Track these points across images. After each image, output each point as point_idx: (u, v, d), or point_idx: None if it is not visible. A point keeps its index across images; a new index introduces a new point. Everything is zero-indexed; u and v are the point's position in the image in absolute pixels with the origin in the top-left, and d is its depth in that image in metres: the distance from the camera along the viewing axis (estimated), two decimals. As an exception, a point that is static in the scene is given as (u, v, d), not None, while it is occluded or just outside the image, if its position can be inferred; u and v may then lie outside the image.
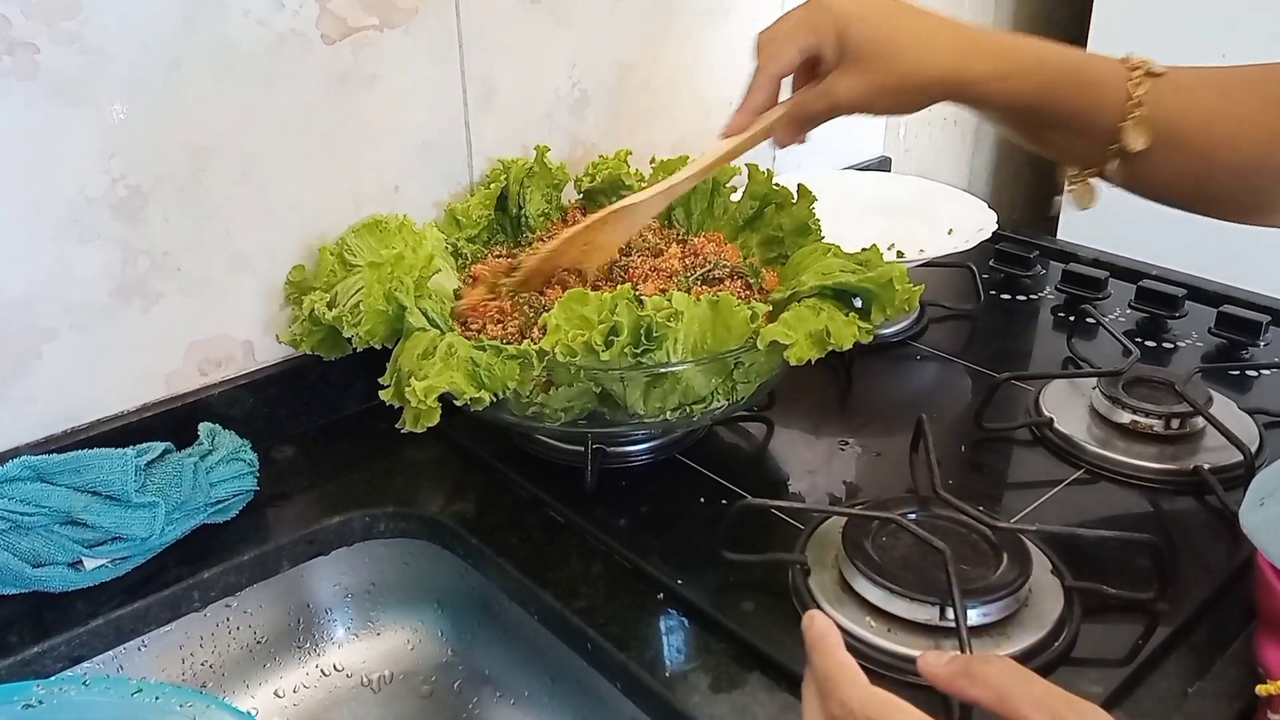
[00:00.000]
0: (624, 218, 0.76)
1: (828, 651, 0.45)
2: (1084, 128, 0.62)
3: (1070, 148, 0.65)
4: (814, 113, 0.67)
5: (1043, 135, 0.66)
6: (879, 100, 0.65)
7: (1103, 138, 0.62)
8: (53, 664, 0.64)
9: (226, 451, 0.73)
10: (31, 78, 0.65)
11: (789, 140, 0.70)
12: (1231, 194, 0.63)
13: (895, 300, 0.72)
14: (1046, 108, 0.62)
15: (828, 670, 0.44)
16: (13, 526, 0.64)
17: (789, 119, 0.68)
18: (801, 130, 0.69)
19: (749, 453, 0.83)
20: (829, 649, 0.45)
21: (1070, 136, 0.64)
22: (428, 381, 0.65)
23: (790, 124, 0.69)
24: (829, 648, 0.45)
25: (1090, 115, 0.61)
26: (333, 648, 0.78)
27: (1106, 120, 0.61)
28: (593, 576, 0.68)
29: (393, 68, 0.83)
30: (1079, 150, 0.64)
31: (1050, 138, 0.66)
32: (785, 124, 0.69)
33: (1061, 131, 0.64)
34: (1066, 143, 0.65)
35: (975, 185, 1.65)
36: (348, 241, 0.81)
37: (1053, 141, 0.66)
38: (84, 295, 0.72)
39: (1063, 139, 0.65)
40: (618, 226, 0.77)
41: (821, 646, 0.45)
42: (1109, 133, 0.61)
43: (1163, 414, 0.79)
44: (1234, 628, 0.62)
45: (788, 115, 0.68)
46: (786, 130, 0.69)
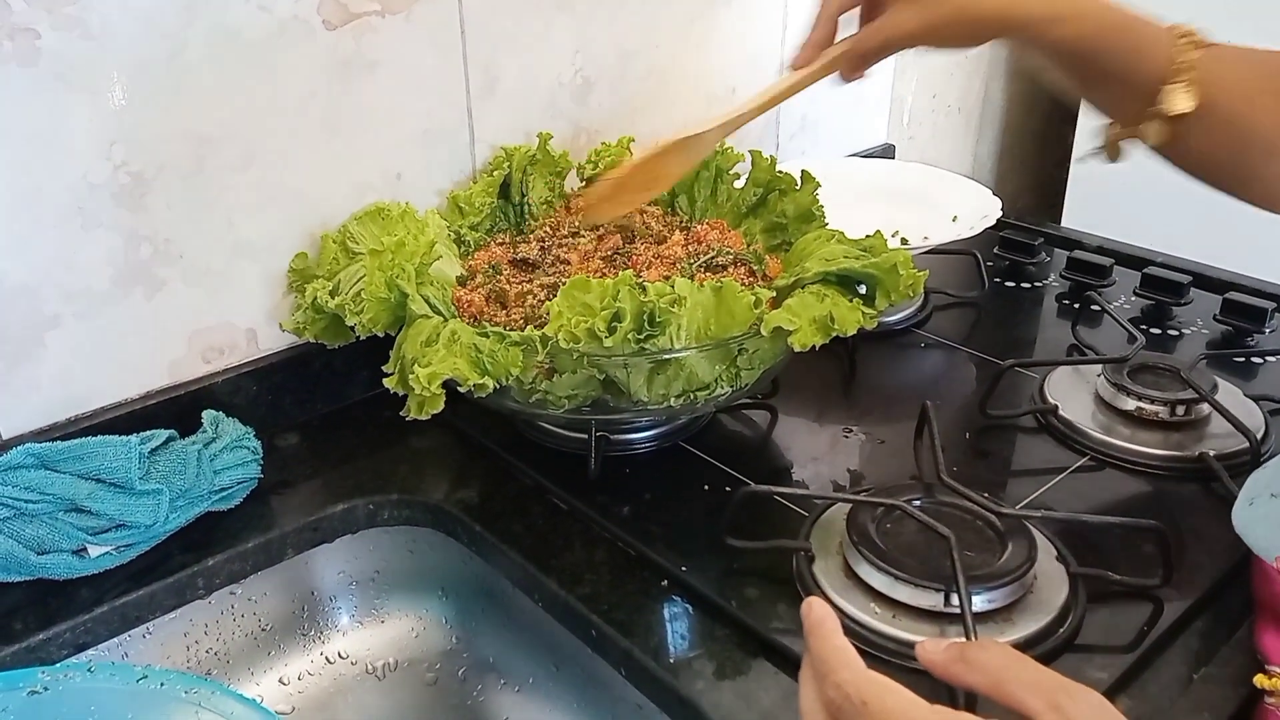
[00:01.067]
0: (688, 147, 0.76)
1: (825, 636, 0.45)
2: (1127, 84, 0.62)
3: (1113, 102, 0.65)
4: (873, 47, 0.68)
5: (1089, 85, 0.66)
6: (934, 34, 0.65)
7: (1144, 97, 0.62)
8: (58, 651, 0.64)
9: (230, 439, 0.73)
10: (33, 64, 0.65)
11: (851, 75, 0.70)
12: (1264, 175, 0.63)
13: (899, 286, 0.72)
14: (1093, 57, 0.62)
15: (824, 654, 0.44)
16: (17, 514, 0.65)
17: (851, 54, 0.69)
18: (863, 65, 0.70)
19: (753, 440, 0.83)
20: (826, 633, 0.45)
21: (1114, 91, 0.64)
22: (431, 368, 0.65)
23: (851, 59, 0.69)
24: (826, 632, 0.45)
25: (1134, 72, 0.62)
26: (337, 635, 0.78)
27: (1149, 80, 0.61)
28: (596, 563, 0.68)
29: (395, 54, 0.82)
30: (1122, 106, 0.64)
31: (1096, 89, 0.66)
32: (847, 59, 0.69)
33: (1104, 84, 0.64)
34: (1110, 97, 0.65)
35: (979, 172, 1.64)
36: (350, 229, 0.81)
37: (1098, 93, 0.66)
38: (87, 282, 0.72)
39: (1107, 92, 0.65)
40: (680, 157, 0.77)
41: (819, 631, 0.45)
42: (1150, 93, 0.61)
43: (1168, 401, 0.78)
44: (1239, 614, 0.62)
45: (850, 50, 0.69)
46: (848, 65, 0.69)
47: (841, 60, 0.69)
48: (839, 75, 0.70)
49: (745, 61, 1.12)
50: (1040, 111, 1.69)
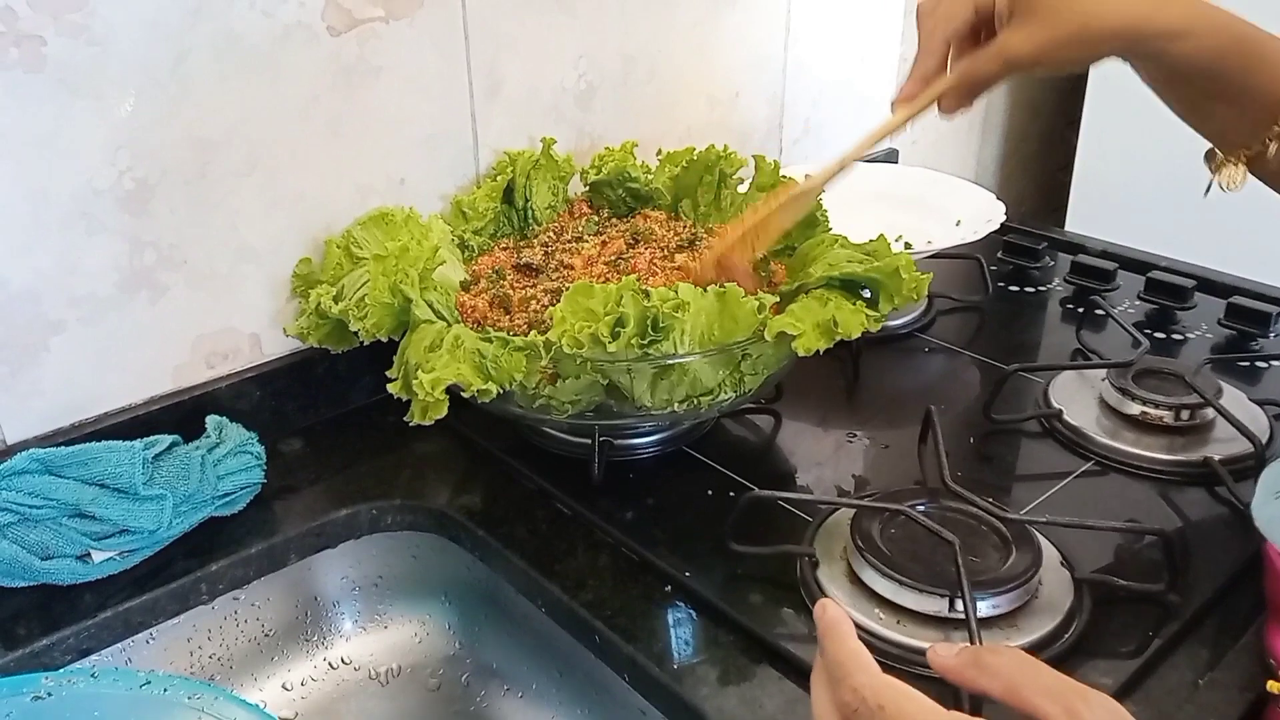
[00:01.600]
0: (802, 200, 0.76)
1: (840, 639, 0.44)
2: (1250, 102, 0.61)
3: (1230, 123, 0.63)
4: (986, 74, 0.64)
5: (1204, 106, 0.64)
6: (1055, 54, 0.61)
7: (1265, 116, 0.60)
8: (61, 656, 0.64)
9: (234, 444, 0.73)
10: (38, 70, 0.65)
11: (956, 108, 0.66)
12: None
13: (903, 289, 0.71)
14: (1220, 73, 0.60)
15: (839, 658, 0.44)
16: (21, 519, 0.65)
17: (960, 84, 0.65)
18: (972, 96, 0.65)
19: (756, 445, 0.83)
20: (841, 637, 0.44)
21: (1233, 110, 0.62)
22: (434, 374, 0.65)
23: (960, 89, 0.65)
24: (841, 635, 0.45)
25: (1260, 90, 0.60)
26: (340, 640, 0.78)
27: (1274, 98, 0.60)
28: (600, 569, 0.68)
29: (398, 59, 0.82)
30: (1239, 127, 0.62)
31: (1211, 109, 0.63)
32: (955, 90, 0.65)
33: (1225, 102, 0.62)
34: (1228, 117, 0.63)
35: (983, 177, 1.64)
36: (354, 234, 0.81)
37: (1213, 114, 0.64)
38: (91, 288, 0.72)
39: (1225, 112, 0.63)
40: (791, 211, 0.76)
41: (833, 634, 0.45)
42: (1273, 112, 0.60)
43: (1172, 405, 0.78)
44: (1245, 619, 0.62)
45: (958, 80, 0.65)
46: (956, 96, 0.65)
47: (951, 91, 0.65)
48: (941, 109, 0.66)
49: (749, 65, 1.12)
50: (1044, 116, 1.69)
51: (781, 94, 1.18)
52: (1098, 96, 1.43)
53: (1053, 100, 1.67)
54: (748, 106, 1.15)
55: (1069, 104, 1.60)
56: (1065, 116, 1.63)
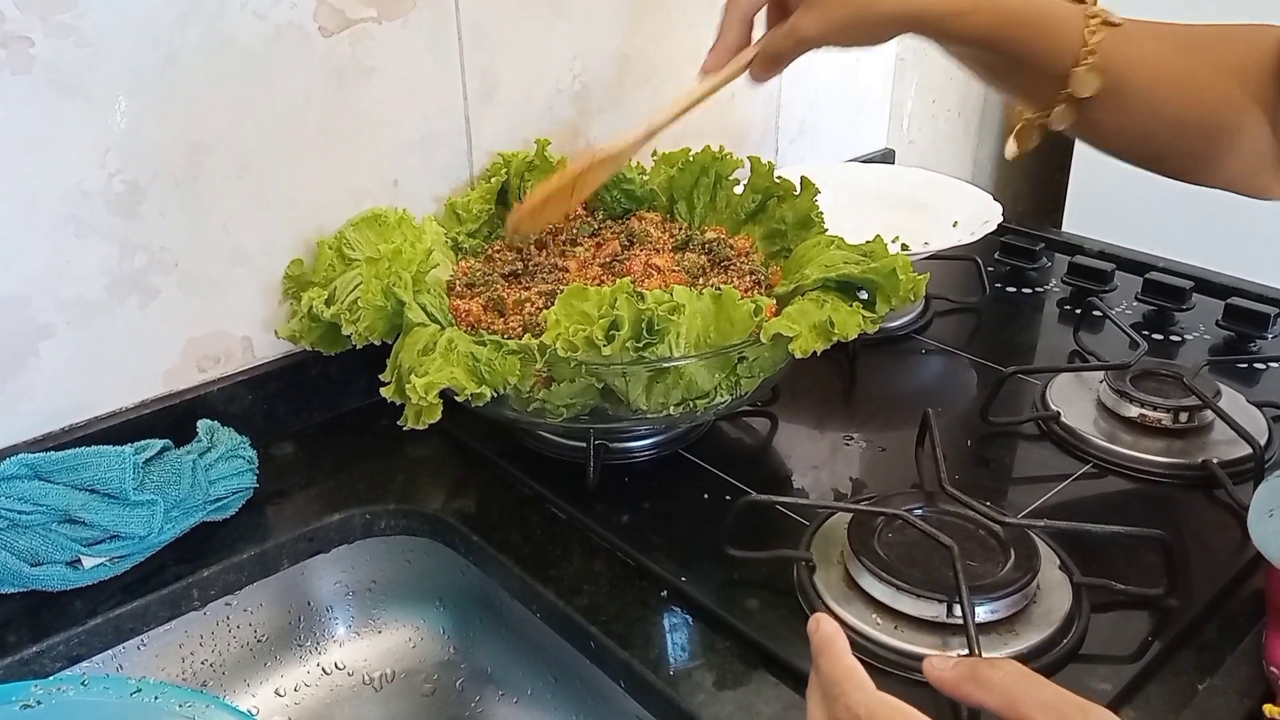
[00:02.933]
0: (609, 162, 0.76)
1: (834, 655, 0.44)
2: (1036, 69, 0.62)
3: (1024, 88, 0.65)
4: (782, 50, 0.68)
5: (1001, 74, 0.66)
6: (841, 34, 0.65)
7: (1054, 81, 0.61)
8: (51, 664, 0.63)
9: (225, 449, 0.73)
10: (27, 71, 0.65)
11: (763, 76, 0.70)
12: (1176, 151, 0.62)
13: (900, 290, 0.71)
14: (1001, 45, 0.62)
15: (834, 674, 0.43)
16: (10, 525, 0.64)
17: (761, 57, 0.69)
18: (773, 68, 0.70)
19: (753, 448, 0.82)
20: (835, 653, 0.44)
21: (1024, 77, 0.64)
22: (428, 377, 0.64)
23: (761, 62, 0.69)
24: (835, 651, 0.44)
25: (1043, 57, 0.61)
26: (334, 646, 0.77)
27: (1059, 64, 0.61)
28: (595, 574, 0.68)
29: (391, 60, 0.82)
30: (1032, 91, 0.64)
31: (1007, 77, 0.66)
32: (759, 61, 0.69)
33: (1014, 72, 0.64)
34: (1021, 83, 0.65)
35: (980, 177, 1.64)
36: (346, 235, 0.80)
37: (1009, 80, 0.66)
38: (81, 291, 0.71)
39: (1017, 79, 0.65)
40: (603, 171, 0.77)
41: (828, 650, 0.44)
42: (1060, 77, 0.61)
43: (1171, 407, 0.78)
44: (1244, 623, 0.62)
45: (761, 52, 0.69)
46: (760, 67, 0.69)
47: (756, 63, 0.69)
48: (749, 77, 0.70)
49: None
50: (1040, 116, 1.68)
51: (777, 95, 1.17)
52: (1094, 97, 1.43)
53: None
54: (743, 107, 1.14)
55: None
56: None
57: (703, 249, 0.82)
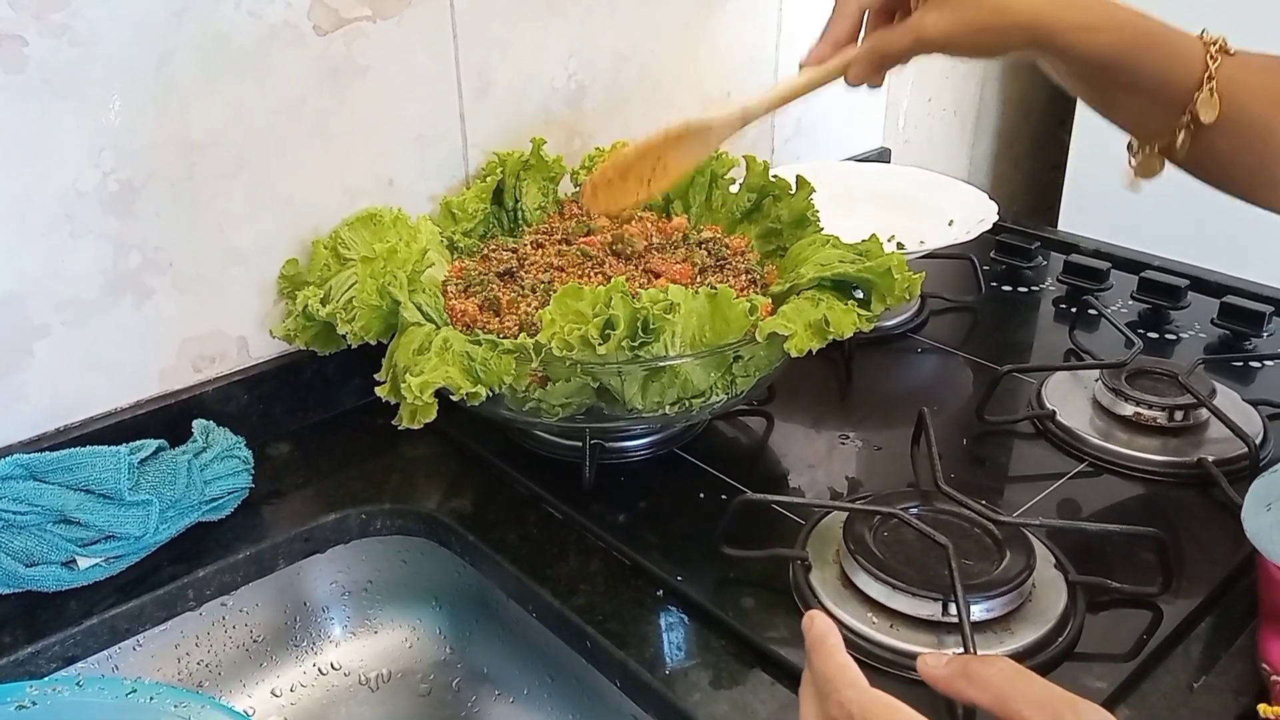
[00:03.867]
0: (695, 138, 0.72)
1: (827, 653, 0.44)
2: (1158, 93, 0.62)
3: (1141, 114, 0.65)
4: (897, 49, 0.65)
5: (1115, 98, 0.65)
6: (965, 38, 0.63)
7: (1175, 107, 0.61)
8: (47, 664, 0.63)
9: (221, 449, 0.73)
10: (20, 71, 0.65)
11: (864, 79, 0.67)
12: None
13: (895, 289, 0.71)
14: (1126, 66, 0.62)
15: (827, 672, 0.43)
16: (5, 525, 0.64)
17: (869, 55, 0.66)
18: (881, 69, 0.66)
19: (749, 447, 0.82)
20: (829, 650, 0.44)
21: (1143, 102, 0.63)
22: (423, 377, 0.64)
23: (870, 60, 0.66)
24: (829, 649, 0.44)
25: (1166, 81, 0.61)
26: (330, 646, 0.77)
27: (1181, 89, 0.61)
28: (591, 573, 0.68)
29: (386, 59, 0.82)
30: (1149, 117, 0.64)
31: (1122, 101, 0.65)
32: (865, 60, 0.66)
33: (1135, 95, 0.63)
34: (1138, 108, 0.64)
35: (975, 176, 1.64)
36: (341, 235, 0.80)
37: (1124, 106, 0.65)
38: (76, 291, 0.71)
39: (1135, 103, 0.64)
40: (686, 148, 0.73)
41: (821, 648, 0.45)
42: (1181, 102, 0.61)
43: (1166, 406, 0.78)
44: (1239, 621, 0.62)
45: (869, 50, 0.66)
46: (865, 66, 0.66)
47: (861, 60, 0.66)
48: (848, 78, 0.67)
49: (740, 65, 1.12)
50: (1036, 115, 1.68)
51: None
52: (1090, 95, 1.43)
53: (1044, 99, 1.67)
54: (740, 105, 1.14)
55: (1061, 103, 1.60)
56: (1057, 116, 1.63)
57: (699, 248, 0.82)
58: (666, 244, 0.83)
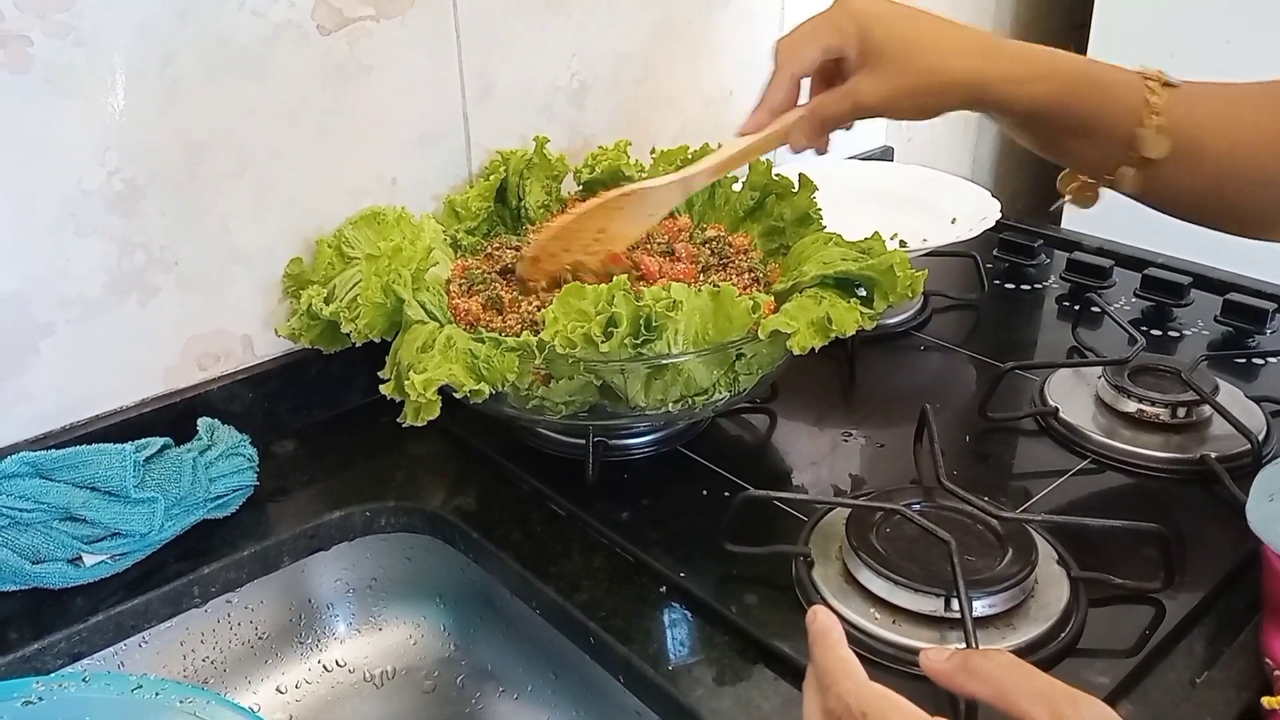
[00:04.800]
0: (637, 204, 0.73)
1: (829, 646, 0.44)
2: (1100, 134, 0.62)
3: (1085, 155, 0.65)
4: (835, 114, 0.66)
5: (1058, 142, 0.66)
6: (901, 101, 0.64)
7: (1118, 145, 0.62)
8: (53, 661, 0.64)
9: (226, 447, 0.73)
10: (25, 71, 0.65)
11: (806, 143, 0.69)
12: (1245, 207, 0.63)
13: (898, 286, 0.71)
14: (1063, 112, 0.62)
15: (828, 665, 0.44)
16: (12, 523, 0.64)
17: (810, 119, 0.67)
18: (821, 132, 0.68)
19: (752, 444, 0.82)
20: (830, 644, 0.45)
21: (1086, 143, 0.64)
22: (426, 374, 0.64)
23: (810, 125, 0.67)
24: (830, 643, 0.45)
25: (1106, 121, 0.62)
26: (335, 643, 0.77)
27: (1122, 127, 0.61)
28: (595, 570, 0.68)
29: (389, 59, 0.82)
30: (1094, 157, 0.64)
31: (1066, 144, 0.66)
32: (805, 124, 0.68)
33: (1077, 138, 0.64)
34: (1082, 150, 0.65)
35: (978, 174, 1.64)
36: (345, 234, 0.80)
37: (1068, 149, 0.66)
38: (80, 290, 0.71)
39: (1078, 146, 0.65)
40: (632, 214, 0.74)
41: (823, 641, 0.45)
42: (1125, 140, 0.61)
43: (1169, 403, 0.78)
44: (1242, 617, 0.62)
45: (809, 115, 0.67)
46: (806, 131, 0.68)
47: (798, 125, 0.68)
48: (791, 143, 0.68)
49: (742, 65, 1.12)
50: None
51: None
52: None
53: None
54: (742, 105, 1.13)
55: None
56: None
57: (703, 246, 0.82)
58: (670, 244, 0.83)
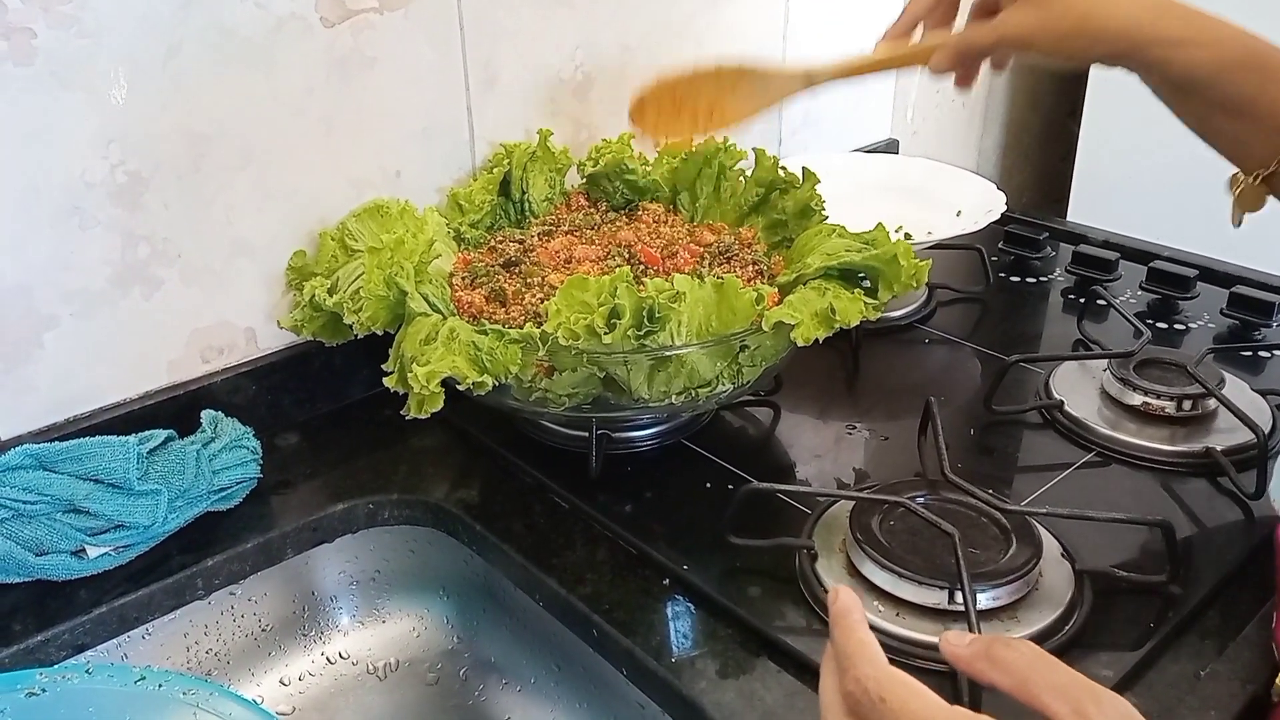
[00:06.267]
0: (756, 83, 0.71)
1: (849, 628, 0.43)
2: (1263, 118, 0.59)
3: (1239, 137, 0.62)
4: (980, 44, 0.64)
5: (1214, 121, 0.62)
6: (1047, 40, 0.61)
7: (1276, 131, 0.59)
8: (56, 652, 0.64)
9: (229, 439, 0.73)
10: (29, 63, 0.65)
11: (947, 67, 0.66)
12: None
13: (902, 277, 0.71)
14: (1223, 85, 0.59)
15: (847, 648, 0.43)
16: (15, 515, 0.64)
17: (955, 43, 0.65)
18: (963, 60, 0.65)
19: (755, 437, 0.82)
20: (850, 626, 0.43)
21: (1241, 124, 0.61)
22: (429, 367, 0.64)
23: (953, 49, 0.65)
24: (850, 624, 0.43)
25: (1269, 104, 0.59)
26: (338, 635, 0.77)
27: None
28: (598, 562, 0.68)
29: (393, 51, 0.82)
30: (1248, 141, 0.61)
31: (1222, 125, 0.62)
32: (949, 48, 0.65)
33: (1236, 119, 0.61)
34: (1239, 133, 0.62)
35: (984, 167, 1.63)
36: (348, 226, 0.80)
37: (1224, 130, 0.62)
38: (84, 282, 0.71)
39: (1233, 126, 0.61)
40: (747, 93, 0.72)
41: (843, 622, 0.44)
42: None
43: (1174, 395, 0.78)
44: (1247, 610, 0.61)
45: (957, 39, 0.65)
46: (949, 54, 0.65)
47: (948, 48, 0.65)
48: (931, 64, 0.65)
49: (747, 56, 1.11)
50: (1045, 106, 1.68)
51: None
52: (1099, 86, 1.43)
53: (1054, 90, 1.66)
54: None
55: (1070, 94, 1.59)
56: (1066, 106, 1.62)
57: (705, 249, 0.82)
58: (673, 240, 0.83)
